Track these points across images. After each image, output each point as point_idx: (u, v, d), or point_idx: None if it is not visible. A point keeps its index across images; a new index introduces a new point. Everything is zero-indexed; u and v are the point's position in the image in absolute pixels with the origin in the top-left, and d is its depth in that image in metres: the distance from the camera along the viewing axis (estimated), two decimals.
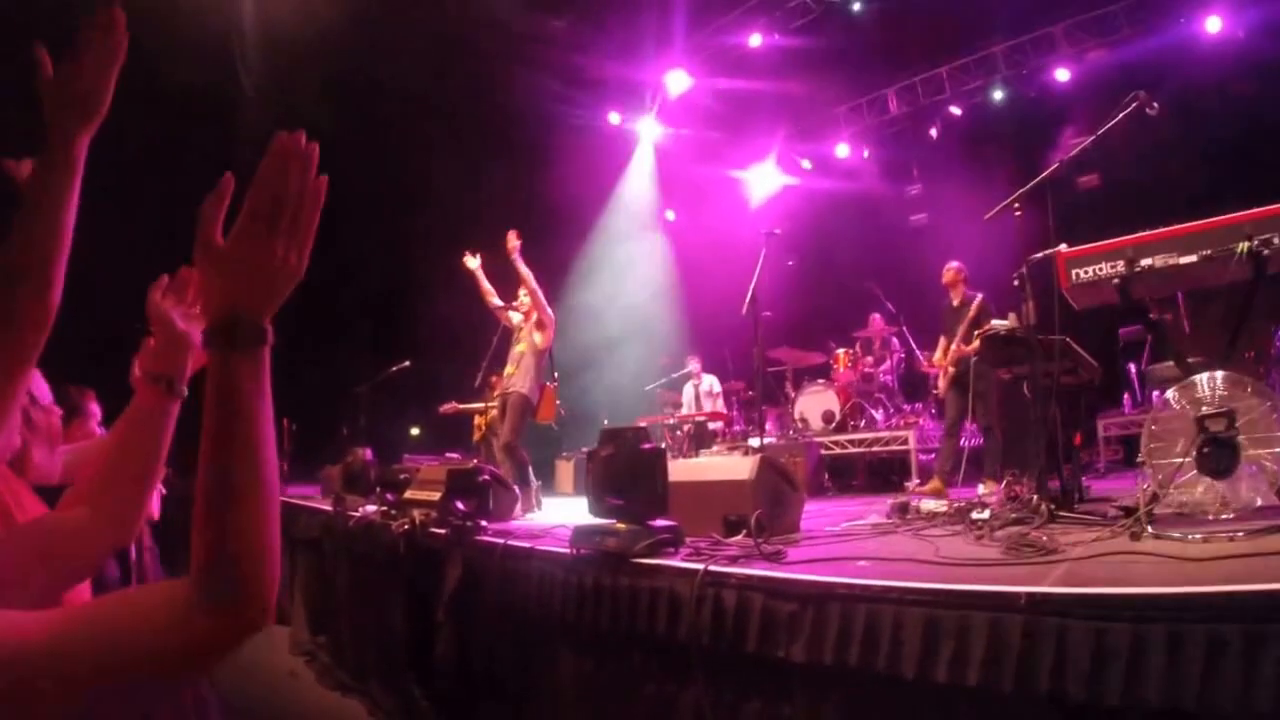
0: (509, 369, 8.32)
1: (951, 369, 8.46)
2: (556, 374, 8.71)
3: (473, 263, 8.58)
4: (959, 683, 2.66)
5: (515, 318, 8.50)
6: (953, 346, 8.52)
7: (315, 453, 11.81)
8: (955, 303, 8.67)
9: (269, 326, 1.18)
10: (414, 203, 14.83)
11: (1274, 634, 2.21)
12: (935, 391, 9.73)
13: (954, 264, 8.78)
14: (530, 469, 8.01)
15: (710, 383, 12.64)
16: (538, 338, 8.20)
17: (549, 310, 8.28)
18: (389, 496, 7.16)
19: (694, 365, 12.73)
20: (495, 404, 8.93)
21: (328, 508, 8.11)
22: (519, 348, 8.30)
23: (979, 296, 8.40)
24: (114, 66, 1.65)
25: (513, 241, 8.12)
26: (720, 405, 12.55)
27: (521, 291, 8.37)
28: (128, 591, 1.20)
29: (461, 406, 12.10)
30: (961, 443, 8.69)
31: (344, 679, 7.15)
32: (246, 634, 1.11)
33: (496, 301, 8.60)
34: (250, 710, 6.06)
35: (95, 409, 3.98)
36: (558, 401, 9.06)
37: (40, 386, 2.40)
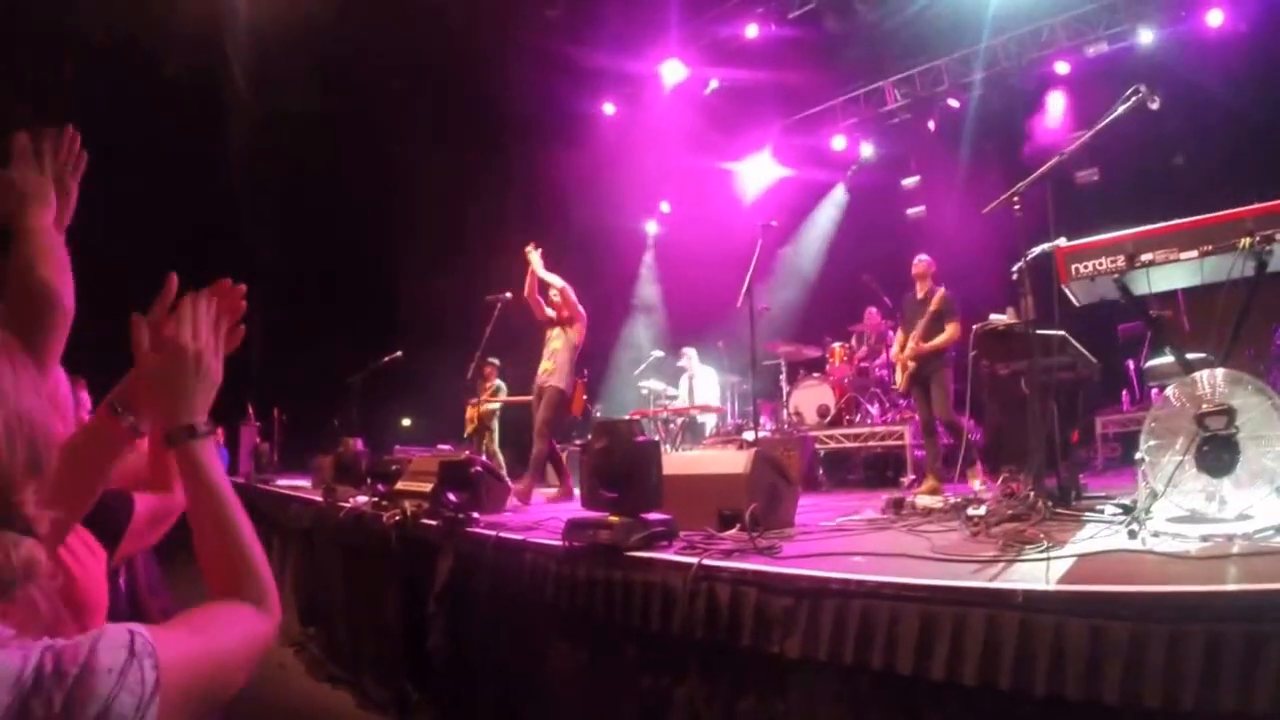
0: (545, 364, 8.58)
1: (912, 364, 8.32)
2: (585, 369, 8.92)
3: (534, 255, 8.73)
4: (955, 681, 2.64)
5: (550, 313, 8.75)
6: (910, 342, 8.36)
7: (306, 443, 11.78)
8: (920, 295, 8.53)
9: (208, 419, 1.48)
10: (406, 192, 14.78)
11: (1273, 634, 2.19)
12: (895, 387, 9.65)
13: (924, 257, 8.64)
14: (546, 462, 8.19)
15: (704, 375, 12.59)
16: (571, 334, 8.51)
17: (579, 308, 8.59)
18: (380, 487, 7.13)
19: (689, 358, 12.68)
20: (521, 398, 9.10)
21: (319, 498, 8.07)
22: (554, 344, 8.59)
23: (941, 290, 8.26)
24: (77, 174, 1.98)
25: (532, 252, 8.60)
26: (714, 398, 12.48)
27: (553, 292, 8.63)
28: (205, 609, 1.34)
29: (505, 400, 12.16)
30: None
31: (334, 670, 7.12)
32: (278, 624, 1.43)
33: (539, 297, 8.79)
34: (238, 702, 6.01)
35: (86, 399, 3.93)
36: (584, 396, 9.25)
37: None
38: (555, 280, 8.57)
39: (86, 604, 1.88)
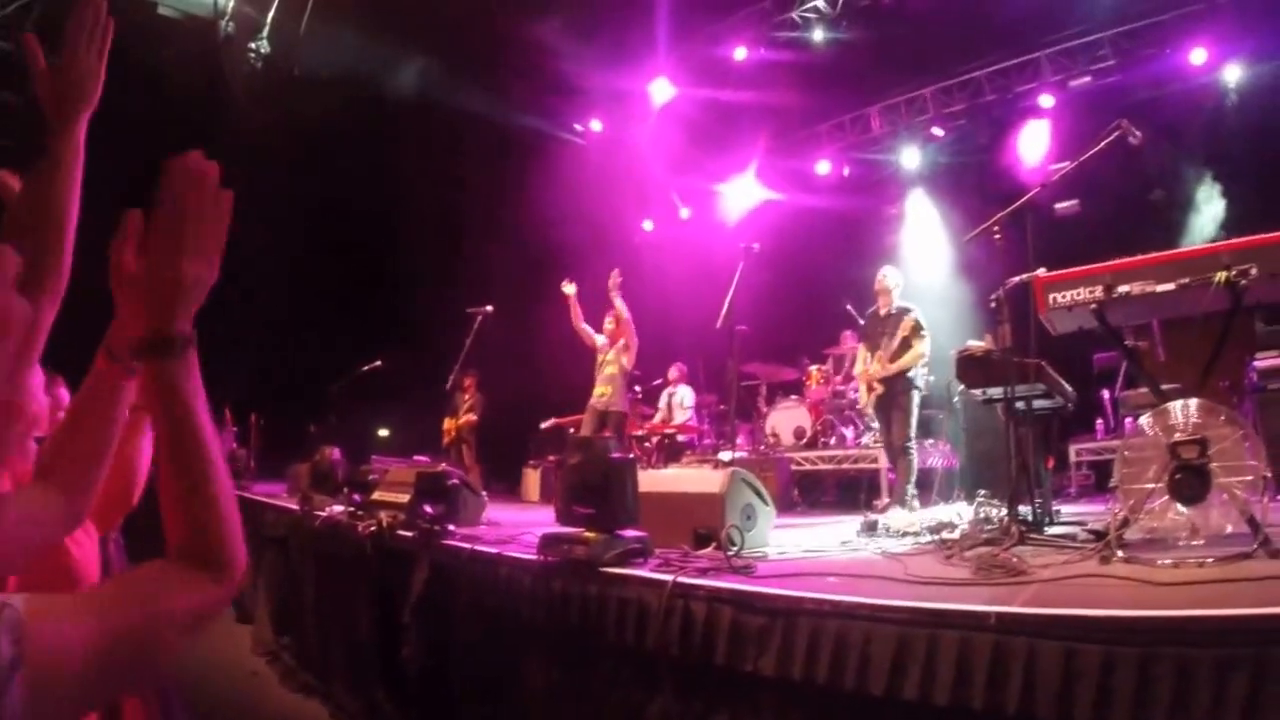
0: (602, 389, 9.25)
1: (879, 386, 8.12)
2: (638, 389, 9.53)
3: (569, 289, 9.41)
4: (928, 701, 2.66)
5: (599, 340, 9.40)
6: (874, 362, 8.15)
7: (283, 450, 11.70)
8: (883, 312, 8.35)
9: (191, 330, 1.27)
10: (392, 202, 14.74)
11: (1242, 659, 2.22)
12: (858, 406, 9.61)
13: (888, 270, 8.50)
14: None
15: (683, 394, 12.57)
16: (625, 360, 9.19)
17: (634, 335, 9.29)
18: (356, 497, 7.11)
19: (674, 374, 12.67)
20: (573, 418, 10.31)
21: (294, 507, 8.04)
22: (609, 370, 9.26)
23: (911, 316, 8.03)
24: (103, 49, 1.76)
25: (615, 280, 9.24)
26: (690, 418, 12.48)
27: (608, 320, 9.32)
28: (139, 569, 1.23)
29: (561, 421, 12.20)
30: (942, 464, 8.64)
31: (307, 680, 7.08)
32: (234, 591, 1.27)
33: (584, 325, 9.51)
34: (211, 710, 5.98)
35: (65, 396, 3.90)
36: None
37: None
38: (622, 310, 9.25)
39: (82, 579, 1.92)
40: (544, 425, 12.33)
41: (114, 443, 1.74)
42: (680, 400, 12.42)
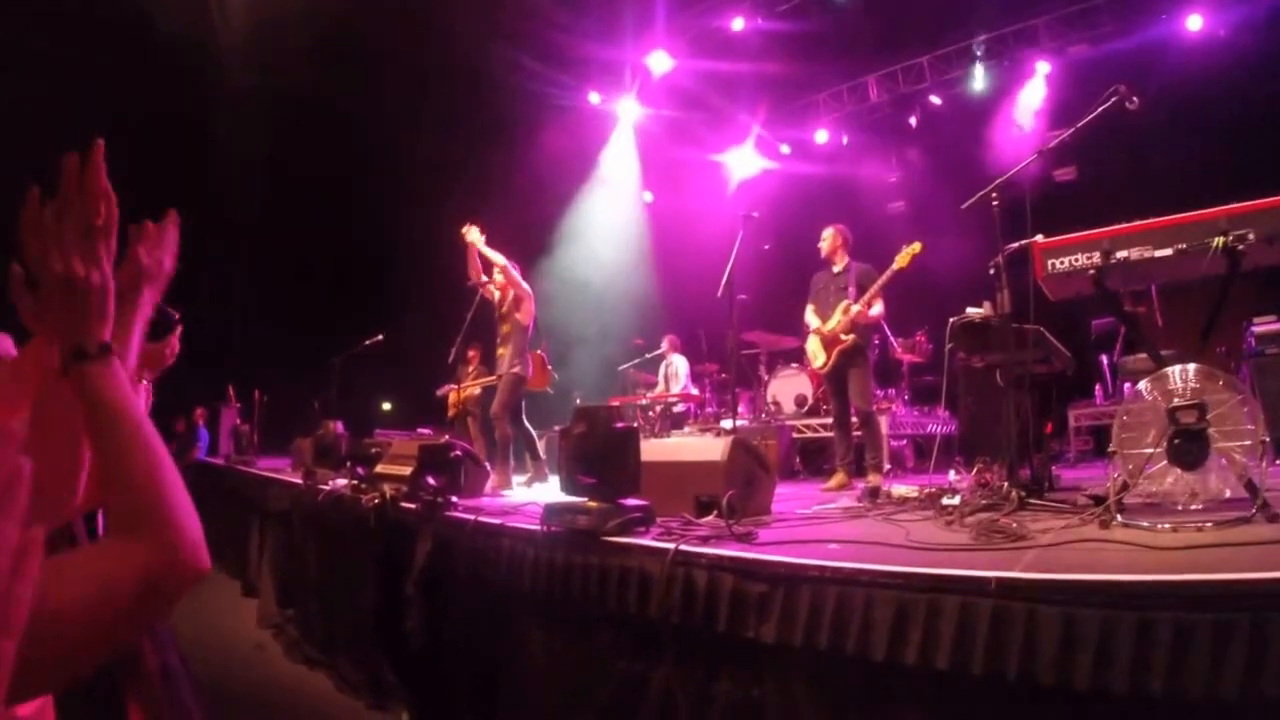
0: (499, 351, 8.50)
1: (845, 338, 7.66)
2: (546, 341, 8.80)
3: (473, 234, 8.49)
4: (929, 665, 2.68)
5: (496, 294, 8.59)
6: (837, 315, 7.79)
7: (287, 425, 11.75)
8: (836, 269, 8.09)
9: (108, 341, 1.31)
10: (392, 175, 14.72)
11: (1240, 623, 2.24)
12: (816, 366, 9.29)
13: (832, 230, 8.25)
14: (511, 447, 8.17)
15: (678, 364, 12.62)
16: (519, 315, 8.34)
17: (524, 285, 8.41)
18: (360, 470, 7.13)
19: (666, 345, 12.72)
20: (487, 379, 9.50)
21: (298, 480, 8.07)
22: (504, 328, 8.46)
23: (867, 268, 7.86)
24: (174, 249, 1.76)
25: (475, 234, 8.40)
26: (684, 387, 12.51)
27: (496, 272, 8.50)
28: (76, 552, 1.29)
29: (448, 387, 12.13)
30: (941, 430, 8.62)
31: (311, 653, 7.12)
32: (182, 561, 1.20)
33: (483, 278, 8.61)
34: (217, 683, 6.03)
35: None
36: (549, 368, 9.20)
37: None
38: (497, 259, 8.37)
39: None
40: (439, 392, 12.29)
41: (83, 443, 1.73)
42: (675, 370, 12.48)
